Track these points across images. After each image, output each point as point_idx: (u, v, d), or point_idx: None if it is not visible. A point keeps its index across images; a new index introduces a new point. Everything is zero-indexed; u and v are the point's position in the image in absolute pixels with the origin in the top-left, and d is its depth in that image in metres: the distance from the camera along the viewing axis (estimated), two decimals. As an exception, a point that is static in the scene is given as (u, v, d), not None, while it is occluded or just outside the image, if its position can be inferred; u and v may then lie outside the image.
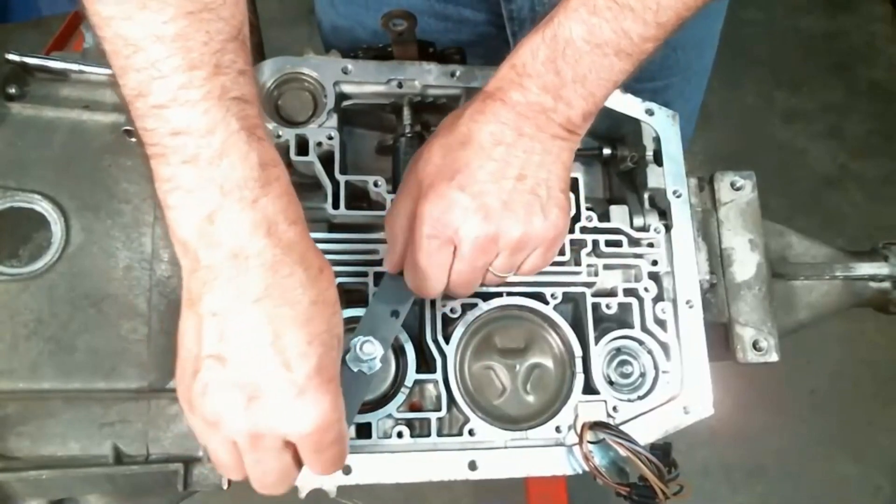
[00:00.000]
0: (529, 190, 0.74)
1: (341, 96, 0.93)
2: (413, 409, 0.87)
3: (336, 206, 0.87)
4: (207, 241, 0.59)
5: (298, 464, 0.66)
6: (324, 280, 0.64)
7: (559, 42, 0.72)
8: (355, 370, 0.76)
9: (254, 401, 0.60)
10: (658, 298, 0.90)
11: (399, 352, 0.85)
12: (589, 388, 0.86)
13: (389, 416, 0.82)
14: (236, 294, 0.59)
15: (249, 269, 0.59)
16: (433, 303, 0.85)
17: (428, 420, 0.83)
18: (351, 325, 0.84)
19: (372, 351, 0.76)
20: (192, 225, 0.59)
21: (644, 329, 0.89)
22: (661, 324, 0.89)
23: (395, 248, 0.79)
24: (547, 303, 0.88)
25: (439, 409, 0.83)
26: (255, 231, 0.59)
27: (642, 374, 0.89)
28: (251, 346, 0.60)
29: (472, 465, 0.81)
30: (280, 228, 0.61)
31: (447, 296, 0.83)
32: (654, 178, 0.93)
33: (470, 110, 0.75)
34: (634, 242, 0.91)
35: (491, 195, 0.72)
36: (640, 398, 0.87)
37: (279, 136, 0.89)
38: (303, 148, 0.89)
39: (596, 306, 0.89)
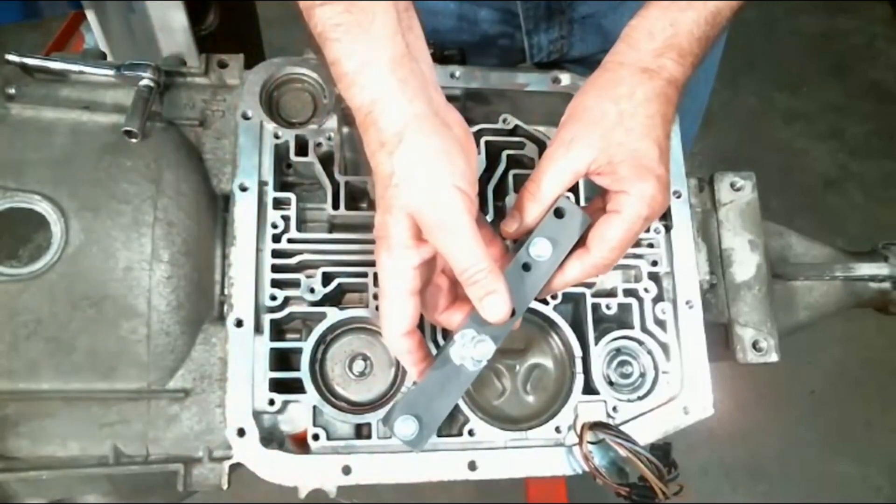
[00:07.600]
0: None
1: (341, 97, 0.93)
2: (413, 409, 0.87)
3: (336, 206, 0.87)
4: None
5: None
6: (445, 127, 0.68)
7: (717, 18, 0.76)
8: (458, 364, 0.71)
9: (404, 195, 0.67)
10: (658, 299, 0.90)
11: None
12: (589, 389, 0.86)
13: (389, 416, 0.82)
14: (389, 150, 0.67)
15: (384, 126, 0.68)
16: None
17: (428, 420, 0.83)
18: (350, 326, 0.84)
19: (486, 352, 0.70)
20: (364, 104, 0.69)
21: (644, 329, 0.89)
22: (660, 324, 0.89)
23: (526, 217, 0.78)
24: (547, 303, 0.88)
25: (439, 410, 0.83)
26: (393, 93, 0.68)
27: (642, 375, 0.89)
28: (411, 172, 0.66)
29: (472, 466, 0.81)
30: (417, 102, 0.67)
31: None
32: (654, 178, 0.93)
33: (644, 93, 0.75)
34: (634, 243, 0.91)
35: (665, 170, 0.75)
36: (639, 398, 0.87)
37: (279, 137, 0.89)
38: (303, 148, 0.89)
39: (596, 307, 0.89)
